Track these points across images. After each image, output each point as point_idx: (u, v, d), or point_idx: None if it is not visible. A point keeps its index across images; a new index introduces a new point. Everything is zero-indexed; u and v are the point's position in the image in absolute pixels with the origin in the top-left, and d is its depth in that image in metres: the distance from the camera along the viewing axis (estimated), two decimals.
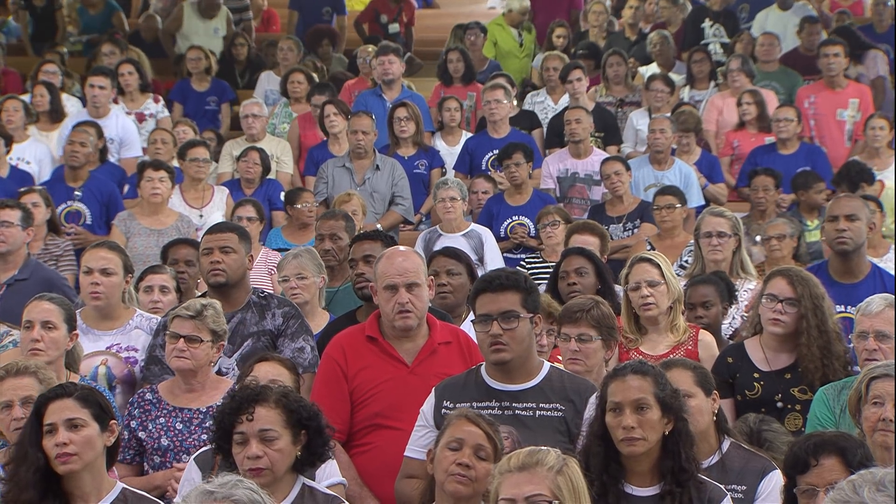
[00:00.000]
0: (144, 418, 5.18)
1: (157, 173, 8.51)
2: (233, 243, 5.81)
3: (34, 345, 5.28)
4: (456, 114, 10.58)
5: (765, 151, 10.09)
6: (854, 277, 6.42)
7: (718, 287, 6.34)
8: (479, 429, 4.12)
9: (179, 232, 8.35)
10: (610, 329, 5.33)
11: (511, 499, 3.56)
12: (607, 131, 10.63)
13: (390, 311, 5.06)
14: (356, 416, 5.07)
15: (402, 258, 5.12)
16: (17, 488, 4.05)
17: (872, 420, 4.51)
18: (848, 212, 6.40)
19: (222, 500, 3.37)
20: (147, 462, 5.18)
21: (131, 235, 8.23)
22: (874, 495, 3.17)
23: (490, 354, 4.58)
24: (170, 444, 5.13)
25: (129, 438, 5.18)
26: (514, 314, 4.55)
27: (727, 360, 5.68)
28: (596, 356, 5.27)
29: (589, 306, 5.32)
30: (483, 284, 4.65)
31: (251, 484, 3.48)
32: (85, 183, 9.06)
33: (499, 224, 9.15)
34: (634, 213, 9.10)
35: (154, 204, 8.51)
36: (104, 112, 10.10)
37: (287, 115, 11.03)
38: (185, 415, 5.13)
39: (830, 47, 10.76)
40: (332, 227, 7.29)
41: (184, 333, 5.15)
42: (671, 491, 4.06)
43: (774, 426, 5.20)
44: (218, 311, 5.25)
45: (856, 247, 6.42)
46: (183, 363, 5.14)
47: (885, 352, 5.17)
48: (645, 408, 4.07)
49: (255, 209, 8.51)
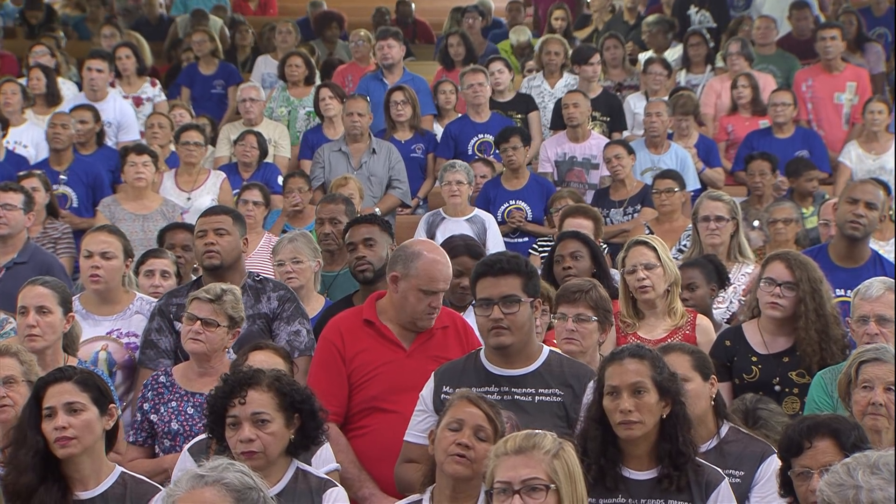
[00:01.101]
0: (157, 401, 5.19)
1: (140, 158, 8.48)
2: (227, 225, 5.80)
3: (30, 331, 5.27)
4: (451, 97, 10.57)
5: (761, 135, 10.07)
6: (855, 262, 6.42)
7: (705, 269, 6.34)
8: (480, 410, 4.13)
9: (164, 216, 8.32)
10: (606, 312, 5.34)
11: (507, 482, 3.57)
12: (613, 116, 10.62)
13: (421, 311, 5.05)
14: (353, 400, 5.08)
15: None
16: (17, 471, 4.06)
17: (862, 404, 4.53)
18: (870, 199, 6.39)
19: (213, 484, 3.37)
20: (158, 445, 5.20)
21: (116, 220, 8.18)
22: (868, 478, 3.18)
23: (490, 338, 4.59)
24: (180, 429, 5.14)
25: (142, 421, 5.20)
26: (515, 298, 4.56)
27: (725, 343, 5.68)
28: (591, 337, 5.28)
29: (588, 287, 5.34)
30: (484, 268, 4.65)
31: (242, 467, 3.48)
32: (70, 166, 9.06)
33: (496, 208, 9.15)
34: (636, 197, 9.10)
35: (138, 188, 8.47)
36: (101, 96, 10.08)
37: (284, 99, 11.01)
38: (197, 399, 5.12)
39: (828, 31, 10.73)
40: (333, 212, 7.29)
41: (201, 316, 5.15)
42: (668, 474, 4.07)
43: (771, 406, 5.21)
44: (237, 298, 5.26)
45: (866, 235, 6.43)
46: (197, 346, 5.15)
47: (886, 336, 5.18)
48: (642, 391, 4.07)
49: (261, 193, 8.47)
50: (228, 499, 3.36)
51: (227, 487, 3.38)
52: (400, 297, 5.07)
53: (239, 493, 3.38)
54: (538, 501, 3.54)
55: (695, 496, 4.06)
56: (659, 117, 9.65)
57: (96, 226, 6.62)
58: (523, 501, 3.54)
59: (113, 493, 4.11)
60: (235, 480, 3.39)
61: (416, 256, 5.07)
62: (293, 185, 8.86)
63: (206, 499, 3.35)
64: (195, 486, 3.37)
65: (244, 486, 3.40)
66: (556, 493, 3.56)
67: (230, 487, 3.38)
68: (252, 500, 3.40)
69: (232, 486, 3.38)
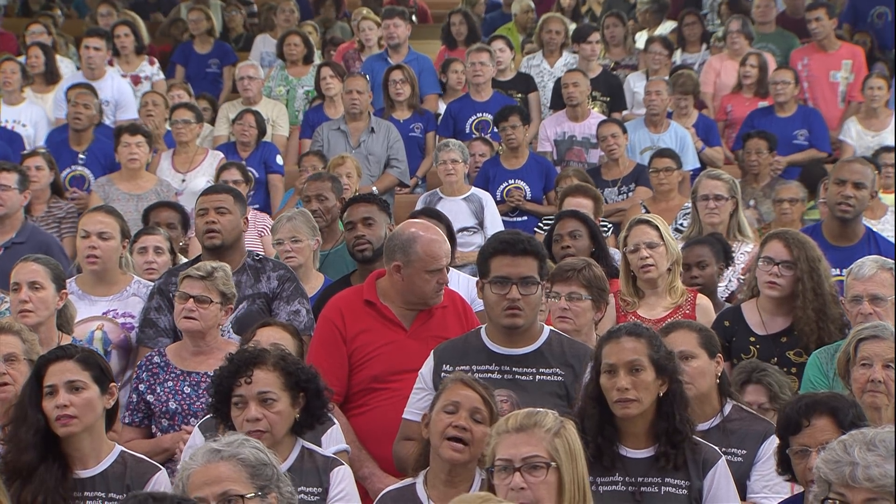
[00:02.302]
0: (153, 381, 5.20)
1: (134, 138, 8.44)
2: (228, 204, 5.81)
3: (22, 306, 5.27)
4: (462, 76, 10.56)
5: (762, 114, 10.06)
6: (849, 241, 6.42)
7: (714, 247, 6.35)
8: (475, 392, 4.13)
9: (159, 196, 8.29)
10: (601, 290, 5.34)
11: (508, 459, 3.57)
12: (613, 96, 10.60)
13: (431, 290, 5.06)
14: (353, 379, 5.09)
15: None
16: (17, 449, 4.07)
17: (861, 381, 4.53)
18: (857, 179, 6.38)
19: (229, 459, 3.41)
20: (155, 425, 5.21)
21: (110, 201, 8.14)
22: (865, 454, 3.19)
23: (504, 318, 4.58)
24: (178, 408, 5.15)
25: (138, 401, 5.20)
26: (533, 280, 4.57)
27: (723, 323, 5.69)
28: (585, 316, 5.27)
29: (581, 266, 5.33)
30: (503, 246, 4.62)
31: (257, 443, 3.52)
32: (89, 146, 9.04)
33: (495, 187, 9.14)
34: (630, 176, 9.10)
35: (132, 169, 8.44)
36: (99, 74, 10.05)
37: (283, 78, 11.00)
38: (193, 378, 5.14)
39: (814, 11, 10.72)
40: (319, 188, 7.31)
41: (193, 294, 5.16)
42: (666, 452, 4.07)
43: (770, 369, 5.23)
44: (228, 274, 5.27)
45: (856, 214, 6.43)
46: (191, 324, 5.16)
47: (880, 315, 5.19)
48: (639, 369, 4.07)
49: (240, 172, 8.42)
50: (244, 474, 3.40)
51: (243, 463, 3.41)
52: (406, 283, 5.07)
53: (254, 469, 3.42)
54: (538, 479, 3.54)
55: (692, 474, 4.07)
56: (659, 96, 9.64)
57: (93, 206, 6.61)
58: (524, 479, 3.54)
59: (113, 471, 4.12)
60: (251, 456, 3.43)
61: (413, 240, 5.07)
62: (307, 163, 8.90)
63: (221, 473, 3.38)
64: (211, 460, 3.40)
65: (259, 462, 3.44)
66: (556, 471, 3.56)
67: (245, 463, 3.42)
68: (266, 476, 3.43)
69: (247, 461, 3.42)
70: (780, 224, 7.72)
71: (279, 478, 3.49)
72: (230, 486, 3.38)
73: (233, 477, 3.39)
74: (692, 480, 4.07)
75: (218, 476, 3.39)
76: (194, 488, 3.39)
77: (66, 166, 8.88)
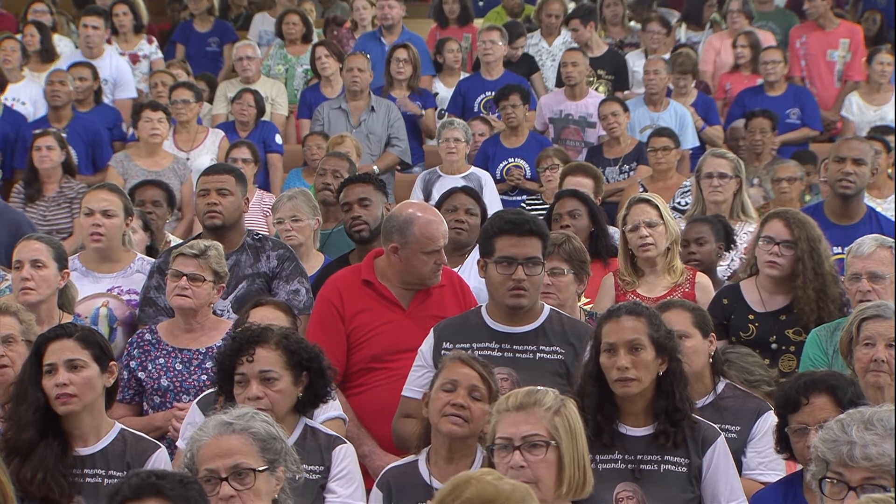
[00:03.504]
0: (144, 358, 5.21)
1: (156, 114, 8.51)
2: (229, 185, 5.81)
3: (24, 283, 5.28)
4: (458, 55, 10.55)
5: (753, 93, 10.04)
6: (850, 219, 6.43)
7: (714, 226, 6.35)
8: (473, 370, 4.14)
9: (175, 174, 8.37)
10: (581, 263, 5.33)
11: (508, 437, 3.58)
12: (618, 75, 10.58)
13: (429, 271, 5.07)
14: (352, 359, 5.09)
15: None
16: (17, 427, 4.08)
17: (864, 361, 4.53)
18: (856, 155, 6.39)
19: (241, 432, 3.43)
20: (147, 402, 5.22)
21: (128, 177, 8.21)
22: (863, 433, 3.20)
23: (509, 298, 4.58)
24: (169, 385, 5.16)
25: (129, 378, 5.20)
26: (538, 261, 4.58)
27: (723, 301, 5.69)
28: (568, 290, 5.27)
29: (561, 241, 5.32)
30: (508, 226, 4.61)
31: (267, 417, 3.55)
32: (69, 123, 9.03)
33: (494, 166, 9.14)
34: (631, 154, 9.09)
35: (152, 145, 8.49)
36: (98, 53, 10.03)
37: (282, 57, 10.98)
38: (185, 355, 5.15)
39: None
40: (336, 164, 7.36)
41: (186, 272, 5.17)
42: (665, 431, 4.08)
43: (740, 349, 5.25)
44: (220, 253, 5.28)
45: (858, 191, 6.43)
46: (184, 301, 5.17)
47: (879, 293, 5.19)
48: (639, 348, 4.07)
49: (249, 151, 8.50)
50: (254, 447, 3.42)
51: (254, 437, 3.43)
52: (404, 264, 5.07)
53: (264, 443, 3.44)
54: (538, 458, 3.55)
55: (691, 452, 4.08)
56: (657, 75, 9.62)
57: (96, 184, 6.60)
58: (523, 457, 3.54)
59: (113, 449, 4.13)
60: (262, 430, 3.45)
61: (411, 222, 5.07)
62: (311, 142, 8.97)
63: (232, 446, 3.40)
64: (222, 432, 3.42)
65: (269, 436, 3.46)
66: (556, 450, 3.56)
67: (256, 437, 3.44)
68: (276, 451, 3.46)
69: (258, 435, 3.44)
70: (779, 203, 7.71)
71: (288, 452, 3.51)
72: (242, 459, 3.40)
73: (244, 450, 3.41)
74: (691, 458, 4.08)
75: (230, 449, 3.40)
76: (205, 460, 3.41)
77: None
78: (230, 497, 3.37)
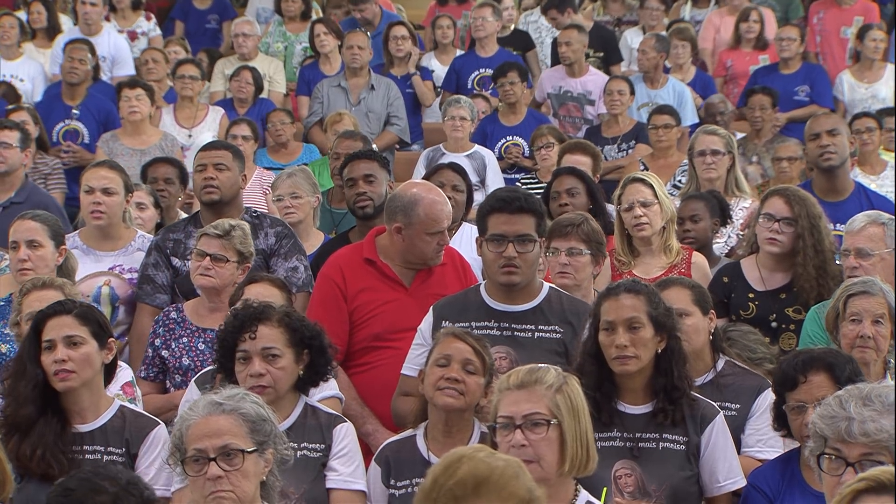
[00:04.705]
0: (168, 337, 5.23)
1: (134, 91, 8.41)
2: (227, 161, 5.81)
3: (21, 265, 5.28)
4: (449, 31, 10.53)
5: (766, 72, 10.02)
6: (839, 195, 6.44)
7: (709, 203, 6.34)
8: (467, 344, 4.14)
9: (163, 151, 8.28)
10: (599, 244, 5.33)
11: (509, 416, 3.56)
12: (607, 51, 10.55)
13: (432, 251, 5.06)
14: (354, 337, 5.09)
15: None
16: (16, 403, 4.08)
17: (850, 337, 4.55)
18: (829, 126, 6.47)
19: (230, 413, 3.42)
20: (169, 380, 5.24)
21: (115, 156, 8.14)
22: (861, 409, 3.20)
23: (500, 276, 4.57)
24: (191, 364, 5.17)
25: (153, 357, 5.23)
26: (530, 238, 4.56)
27: (723, 279, 5.69)
28: (585, 270, 5.26)
29: (579, 221, 5.32)
30: (500, 204, 4.61)
31: (257, 398, 3.54)
32: (83, 101, 8.99)
33: (493, 144, 9.13)
34: (630, 133, 9.08)
35: (134, 123, 8.41)
36: (96, 30, 10.00)
37: (281, 34, 10.94)
38: (208, 335, 5.14)
39: None
40: (350, 147, 7.31)
41: (210, 252, 5.18)
42: (664, 409, 4.08)
43: (742, 327, 5.25)
44: (246, 233, 5.27)
45: (841, 161, 6.46)
46: (207, 281, 5.18)
47: (866, 269, 5.19)
48: (638, 326, 4.07)
49: (249, 128, 8.49)
50: (244, 428, 3.41)
51: (244, 417, 3.43)
52: (407, 244, 5.06)
53: (253, 424, 3.43)
54: (539, 436, 3.52)
55: (690, 430, 4.08)
56: (644, 55, 9.63)
57: (96, 161, 6.58)
58: (525, 436, 3.52)
59: (112, 426, 4.13)
60: (251, 411, 3.44)
61: (415, 203, 5.04)
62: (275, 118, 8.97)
63: (221, 426, 3.40)
64: (212, 412, 3.42)
65: (259, 418, 3.45)
66: (557, 428, 3.54)
67: (246, 417, 3.43)
68: (266, 433, 3.45)
69: (248, 416, 3.43)
70: (778, 182, 7.70)
71: (277, 434, 3.51)
72: (231, 439, 3.40)
73: (233, 431, 3.41)
74: (690, 436, 4.08)
75: (219, 429, 3.40)
76: (194, 440, 3.41)
77: (60, 120, 8.84)
78: (218, 477, 3.36)
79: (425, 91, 9.94)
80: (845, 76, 9.96)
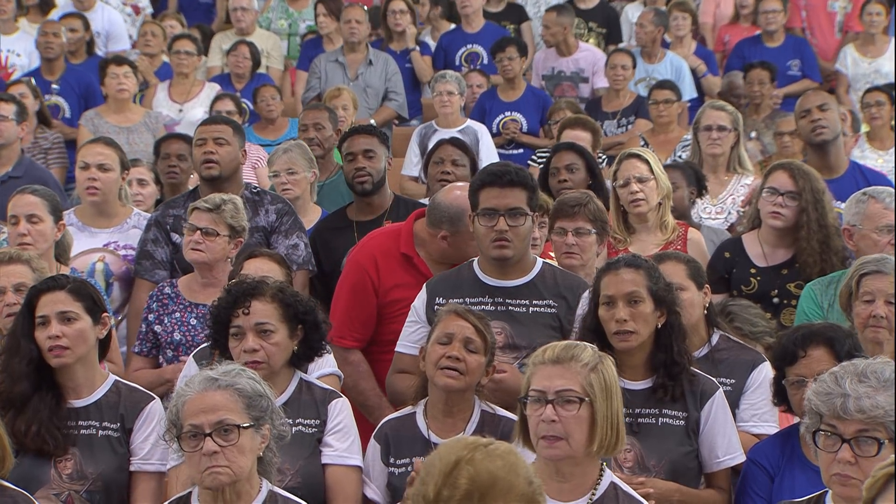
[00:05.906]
0: (161, 312, 5.22)
1: (121, 68, 8.36)
2: (227, 135, 5.79)
3: (21, 239, 5.26)
4: (427, 6, 10.48)
5: (751, 44, 9.98)
6: (834, 172, 6.43)
7: (685, 172, 6.32)
8: (469, 323, 4.11)
9: (148, 128, 8.25)
10: (603, 223, 5.32)
11: (541, 390, 3.52)
12: (610, 27, 10.52)
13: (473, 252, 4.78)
14: (383, 328, 5.03)
15: None
16: (10, 379, 4.06)
17: (864, 316, 4.52)
18: (818, 102, 6.49)
19: (226, 388, 3.42)
20: (162, 355, 5.23)
21: (99, 134, 8.12)
22: (856, 386, 3.19)
23: (492, 250, 4.53)
24: (182, 339, 5.16)
25: (147, 331, 5.23)
26: (521, 211, 4.52)
27: (724, 255, 5.67)
28: (591, 250, 5.25)
29: (585, 200, 5.29)
30: (490, 178, 4.57)
31: (253, 374, 3.53)
32: (62, 75, 8.97)
33: (491, 119, 9.11)
34: (629, 108, 9.05)
35: (120, 100, 8.35)
36: (89, 5, 9.96)
37: (283, 10, 10.89)
38: (200, 310, 5.13)
39: None
40: (316, 117, 7.29)
41: (201, 226, 5.16)
42: (664, 384, 4.07)
43: (741, 301, 5.24)
44: (238, 207, 5.25)
45: (834, 136, 6.45)
46: (198, 255, 5.16)
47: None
48: (638, 301, 4.07)
49: (234, 103, 8.39)
50: (240, 404, 3.42)
51: (240, 393, 3.42)
52: (452, 249, 4.95)
53: (250, 400, 3.43)
54: (571, 413, 3.48)
55: (689, 406, 4.08)
56: (642, 28, 9.60)
57: (92, 137, 6.55)
58: (555, 412, 3.49)
59: (107, 401, 4.11)
60: (247, 387, 3.44)
61: (462, 213, 4.85)
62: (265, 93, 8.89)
63: (217, 401, 3.40)
64: (207, 387, 3.42)
65: (255, 393, 3.45)
66: (589, 406, 3.50)
67: (242, 393, 3.43)
68: (262, 408, 3.45)
69: (244, 391, 3.43)
70: (780, 157, 7.68)
71: (273, 410, 3.50)
72: (226, 415, 3.40)
73: (229, 406, 3.41)
74: (689, 411, 4.07)
75: (214, 405, 3.40)
76: (190, 415, 3.40)
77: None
78: (213, 453, 3.36)
79: (424, 66, 9.91)
80: (849, 50, 9.92)
